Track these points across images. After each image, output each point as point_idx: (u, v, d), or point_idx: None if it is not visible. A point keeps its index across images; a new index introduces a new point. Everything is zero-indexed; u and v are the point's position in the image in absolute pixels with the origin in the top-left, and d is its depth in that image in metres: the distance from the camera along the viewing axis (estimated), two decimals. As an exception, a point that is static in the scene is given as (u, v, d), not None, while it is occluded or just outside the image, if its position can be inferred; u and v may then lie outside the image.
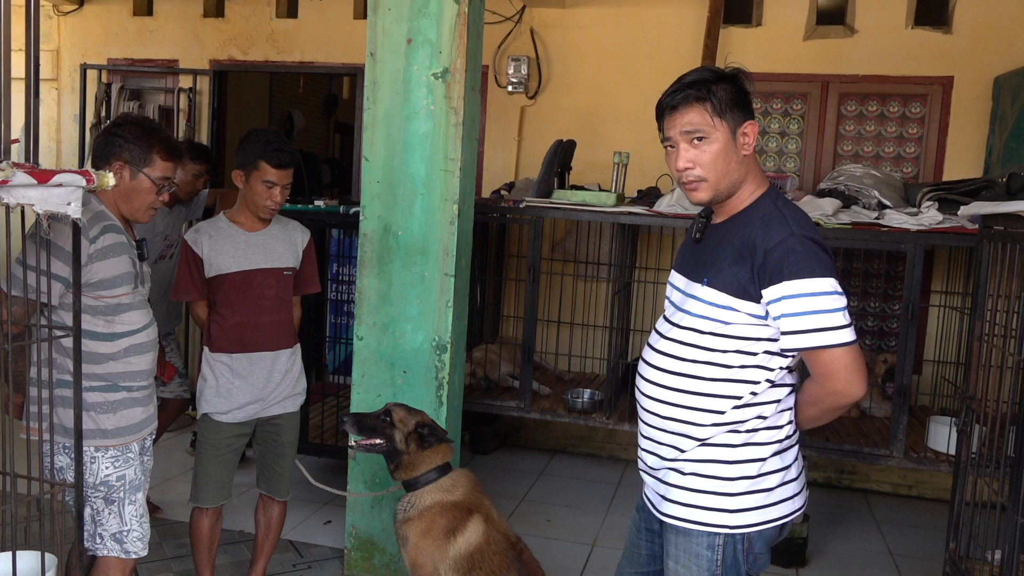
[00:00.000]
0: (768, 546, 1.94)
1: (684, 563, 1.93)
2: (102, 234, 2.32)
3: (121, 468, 2.42)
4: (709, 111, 1.84)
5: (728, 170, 1.87)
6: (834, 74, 4.91)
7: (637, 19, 5.14)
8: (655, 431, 1.96)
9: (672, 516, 1.93)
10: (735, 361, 1.85)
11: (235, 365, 2.95)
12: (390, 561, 3.49)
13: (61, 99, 6.12)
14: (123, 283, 2.39)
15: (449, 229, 3.31)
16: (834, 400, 1.83)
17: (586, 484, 4.86)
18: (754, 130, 1.86)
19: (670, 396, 1.91)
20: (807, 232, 1.79)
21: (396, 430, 2.75)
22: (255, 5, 5.73)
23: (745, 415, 1.87)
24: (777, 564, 3.84)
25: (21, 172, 1.65)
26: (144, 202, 2.45)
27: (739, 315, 1.82)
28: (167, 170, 2.46)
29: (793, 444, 1.95)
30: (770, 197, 1.88)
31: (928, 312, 4.61)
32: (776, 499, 1.90)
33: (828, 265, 1.77)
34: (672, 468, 1.93)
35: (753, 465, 1.88)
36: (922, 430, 4.02)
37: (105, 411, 2.40)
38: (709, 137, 1.85)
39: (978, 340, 2.96)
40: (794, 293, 1.74)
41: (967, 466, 3.02)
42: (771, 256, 1.76)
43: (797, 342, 1.77)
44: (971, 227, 3.50)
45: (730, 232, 1.88)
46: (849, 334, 1.76)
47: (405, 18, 3.28)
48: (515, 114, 5.37)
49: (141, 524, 2.47)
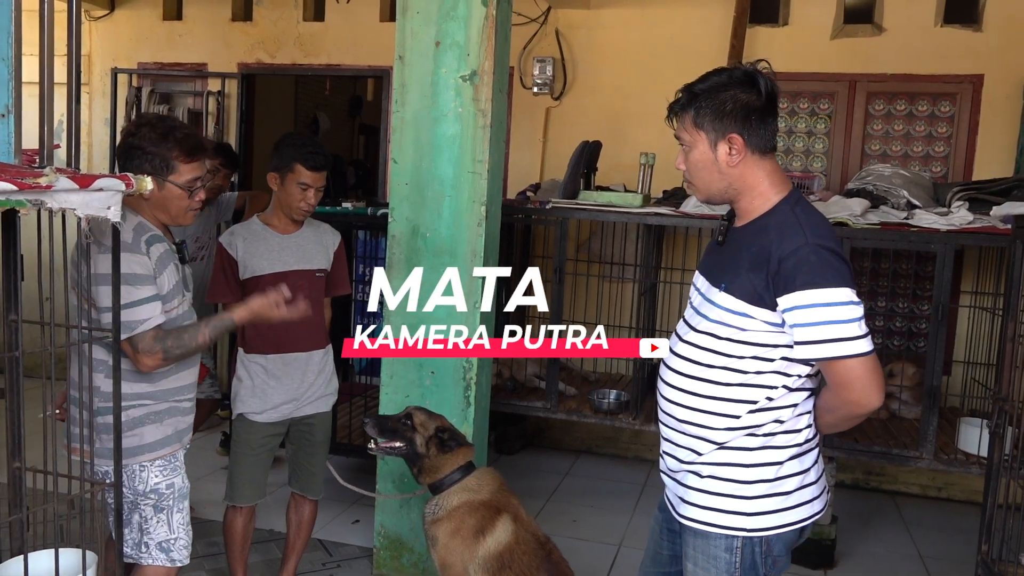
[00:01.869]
0: (788, 549, 1.93)
1: (703, 565, 1.93)
2: (150, 245, 2.31)
3: (170, 476, 2.42)
4: (690, 121, 1.87)
5: (711, 179, 1.89)
6: (862, 73, 4.88)
7: (662, 19, 5.13)
8: (674, 433, 1.97)
9: (690, 518, 1.94)
10: (752, 367, 1.84)
11: (269, 366, 2.99)
12: (418, 560, 3.52)
13: (92, 103, 6.21)
14: (179, 293, 2.41)
15: (477, 231, 3.33)
16: (849, 409, 1.82)
17: (612, 485, 4.86)
18: (739, 143, 1.84)
19: (687, 399, 1.92)
20: (822, 241, 1.76)
21: (416, 434, 2.77)
22: (283, 9, 5.79)
23: (761, 419, 1.86)
24: (806, 565, 3.83)
25: (64, 177, 1.69)
26: (180, 207, 2.40)
27: (756, 322, 1.81)
28: (193, 171, 2.37)
29: (813, 448, 1.93)
30: (790, 202, 1.86)
31: (958, 313, 4.57)
32: (795, 502, 1.89)
33: (844, 274, 1.75)
34: (690, 471, 1.94)
35: (770, 468, 1.87)
36: (952, 431, 3.98)
37: (152, 422, 2.39)
38: (690, 146, 1.89)
39: (1011, 341, 2.93)
40: (808, 303, 1.72)
41: (999, 468, 2.99)
42: (785, 265, 1.74)
43: (812, 352, 1.76)
44: (1003, 227, 3.47)
45: (748, 238, 1.87)
46: (865, 344, 1.74)
47: (433, 21, 3.30)
48: (540, 115, 5.38)
49: (187, 532, 2.47)
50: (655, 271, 4.45)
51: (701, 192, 1.94)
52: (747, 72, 1.85)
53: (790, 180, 1.94)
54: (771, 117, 1.86)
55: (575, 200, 4.17)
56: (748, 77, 1.84)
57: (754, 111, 1.83)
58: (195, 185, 2.40)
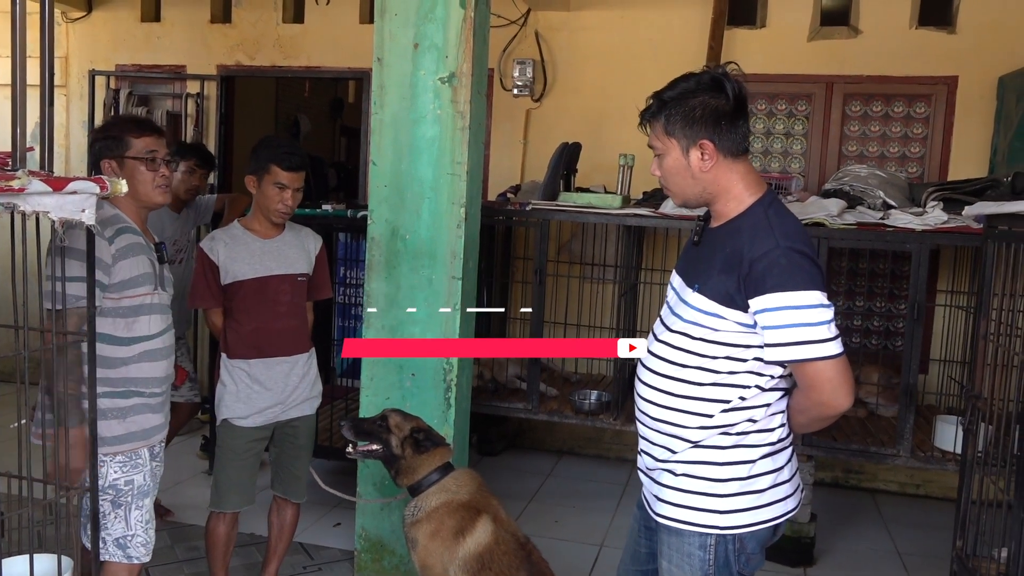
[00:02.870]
0: (761, 547, 1.95)
1: (677, 563, 1.95)
2: (118, 235, 2.36)
3: (130, 473, 2.43)
4: (661, 129, 1.89)
5: (685, 185, 1.92)
6: (838, 75, 4.92)
7: (641, 21, 5.16)
8: (649, 431, 1.99)
9: (665, 516, 1.96)
10: (725, 367, 1.86)
11: (253, 371, 2.98)
12: (400, 563, 3.51)
13: (70, 105, 6.17)
14: (144, 283, 2.42)
15: (456, 232, 3.34)
16: (820, 411, 1.85)
17: (594, 485, 4.87)
18: (711, 148, 1.85)
19: (661, 398, 1.94)
20: (793, 244, 1.78)
21: (392, 435, 2.77)
22: (262, 11, 5.77)
23: (735, 418, 1.88)
24: (785, 563, 3.86)
25: (37, 180, 1.67)
26: (145, 182, 2.45)
27: (728, 323, 1.83)
28: (147, 144, 2.46)
29: (786, 447, 1.95)
30: (763, 204, 1.87)
31: (934, 312, 4.61)
32: (768, 500, 1.91)
33: (814, 277, 1.77)
34: (665, 469, 1.96)
35: (743, 467, 1.89)
36: (929, 429, 4.03)
37: (114, 417, 2.40)
38: (662, 153, 1.92)
39: (983, 339, 2.97)
40: (778, 305, 1.75)
41: (973, 464, 3.03)
42: (756, 267, 1.77)
43: (782, 354, 1.78)
44: (976, 227, 3.51)
45: (722, 239, 1.89)
46: (834, 347, 1.76)
47: (412, 23, 3.31)
48: (520, 117, 5.39)
49: (147, 531, 2.46)
50: (635, 272, 4.47)
51: (677, 197, 1.97)
52: (714, 77, 1.86)
53: (765, 181, 1.96)
54: (741, 120, 1.87)
55: (555, 202, 4.19)
56: (715, 82, 1.85)
57: (723, 116, 1.84)
58: (152, 156, 2.46)
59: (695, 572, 1.92)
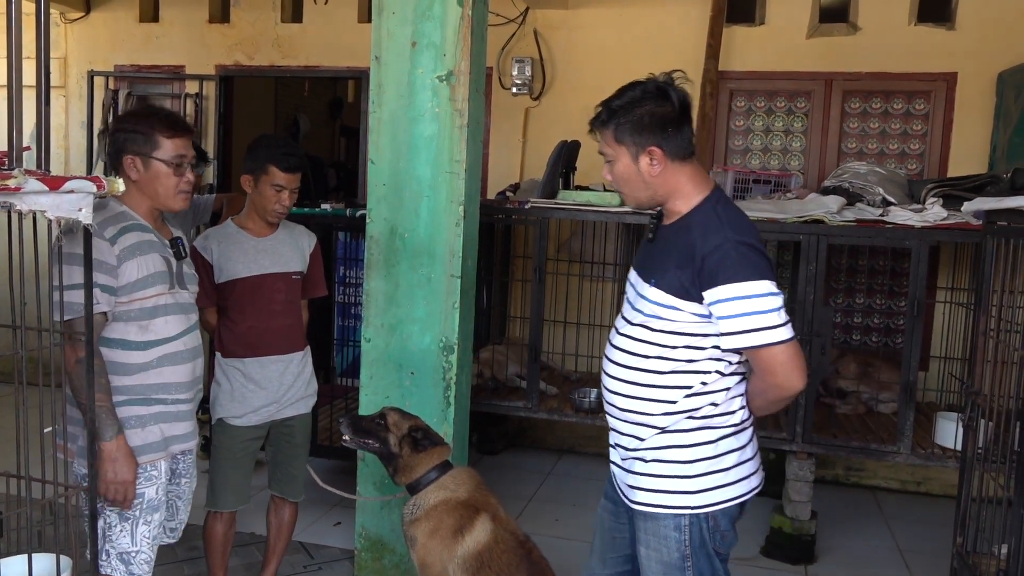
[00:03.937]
0: (732, 524, 2.05)
1: (654, 546, 2.04)
2: (121, 234, 2.25)
3: (143, 486, 2.32)
4: (611, 137, 1.99)
5: (636, 189, 2.02)
6: (837, 72, 4.92)
7: (640, 19, 5.15)
8: (618, 422, 2.09)
9: (639, 503, 2.05)
10: (684, 356, 1.97)
11: (248, 370, 2.98)
12: (400, 561, 3.51)
13: (69, 106, 6.17)
14: (156, 282, 2.31)
15: (455, 231, 3.33)
16: (776, 392, 1.95)
17: (594, 483, 4.86)
18: (659, 154, 1.95)
19: (626, 388, 2.04)
20: (742, 237, 1.89)
21: (390, 433, 2.77)
22: (260, 10, 5.77)
23: (698, 403, 1.99)
24: (786, 561, 3.86)
25: (33, 179, 1.68)
26: (168, 187, 2.33)
27: (684, 314, 1.94)
28: (177, 147, 2.33)
29: (748, 427, 2.06)
30: (711, 202, 1.98)
31: (934, 308, 4.61)
32: (735, 478, 2.01)
33: (762, 268, 1.88)
34: (636, 457, 2.06)
35: (709, 447, 1.99)
36: (929, 426, 4.02)
37: (134, 426, 2.30)
38: (614, 159, 2.02)
39: (982, 335, 2.96)
40: (730, 296, 1.86)
41: (973, 461, 3.02)
42: (708, 261, 1.88)
43: (737, 342, 1.89)
44: (975, 223, 3.51)
45: (675, 235, 1.99)
46: (785, 332, 1.87)
47: (409, 21, 3.30)
48: (519, 115, 5.39)
49: (152, 548, 2.38)
50: (635, 270, 4.46)
51: (630, 200, 2.08)
52: (660, 86, 1.98)
53: (712, 180, 2.07)
54: (686, 126, 1.99)
55: (554, 200, 4.18)
56: (661, 91, 1.97)
57: (670, 122, 1.95)
58: (180, 161, 2.35)
59: (672, 553, 2.01)
